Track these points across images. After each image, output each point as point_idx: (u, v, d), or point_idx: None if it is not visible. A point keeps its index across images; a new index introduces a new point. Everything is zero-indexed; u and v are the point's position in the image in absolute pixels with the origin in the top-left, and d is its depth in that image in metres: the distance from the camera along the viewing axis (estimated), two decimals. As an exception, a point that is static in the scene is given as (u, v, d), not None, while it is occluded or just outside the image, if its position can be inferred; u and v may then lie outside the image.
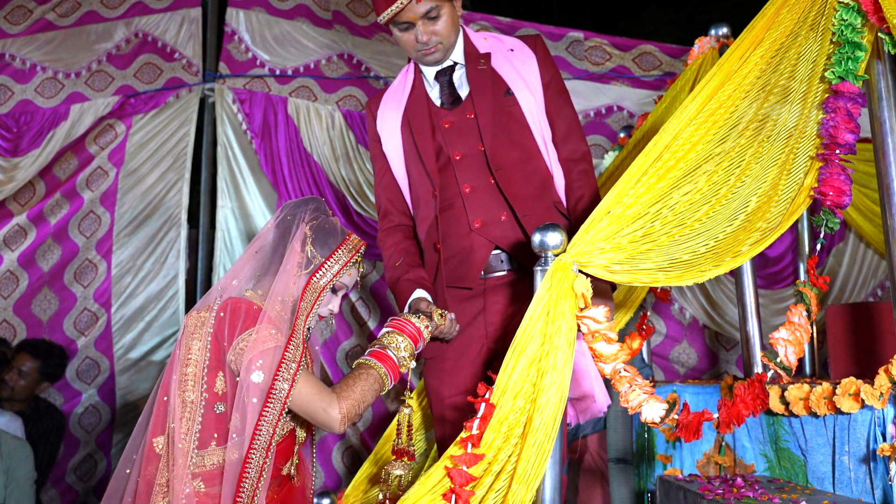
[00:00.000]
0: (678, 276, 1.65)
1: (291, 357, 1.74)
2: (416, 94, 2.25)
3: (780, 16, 1.76)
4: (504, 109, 2.16)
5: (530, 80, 2.18)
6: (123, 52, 4.46)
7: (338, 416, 1.76)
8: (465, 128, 2.18)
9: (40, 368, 3.70)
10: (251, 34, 4.48)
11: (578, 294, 1.61)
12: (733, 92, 1.72)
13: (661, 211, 1.66)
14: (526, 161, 2.15)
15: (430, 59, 2.18)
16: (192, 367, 1.76)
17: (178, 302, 4.24)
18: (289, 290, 1.82)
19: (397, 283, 2.19)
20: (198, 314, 1.82)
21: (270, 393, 1.70)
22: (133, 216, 4.29)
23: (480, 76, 2.19)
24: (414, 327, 1.97)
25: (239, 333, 1.73)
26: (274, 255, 1.88)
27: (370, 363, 1.88)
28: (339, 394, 1.79)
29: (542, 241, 1.68)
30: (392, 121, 2.26)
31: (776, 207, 1.71)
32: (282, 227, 1.91)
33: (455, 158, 2.17)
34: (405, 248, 2.26)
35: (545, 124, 2.18)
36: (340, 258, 1.90)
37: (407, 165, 2.26)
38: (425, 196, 2.21)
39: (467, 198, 2.15)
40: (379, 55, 4.53)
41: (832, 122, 1.70)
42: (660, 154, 1.68)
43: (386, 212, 2.31)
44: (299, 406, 1.77)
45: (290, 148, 4.39)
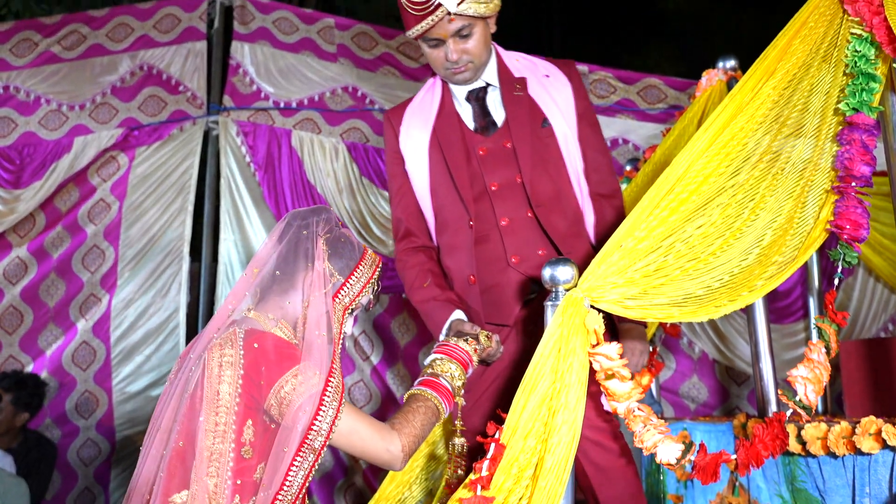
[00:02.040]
0: (692, 311, 1.60)
1: (330, 400, 1.57)
2: (446, 114, 2.14)
3: (791, 47, 1.74)
4: (541, 140, 2.07)
5: (565, 110, 2.09)
6: (128, 84, 4.46)
7: (400, 454, 1.64)
8: (502, 157, 2.07)
9: (13, 400, 3.64)
10: (256, 67, 4.49)
11: (590, 330, 1.57)
12: (746, 124, 1.69)
13: (674, 244, 1.63)
14: (560, 193, 2.07)
15: (459, 79, 2.08)
16: (224, 414, 1.55)
17: (178, 336, 4.18)
18: (323, 316, 1.64)
19: (427, 304, 2.08)
20: (220, 351, 1.58)
21: (305, 441, 1.56)
22: (137, 250, 4.25)
23: (517, 103, 2.08)
24: (464, 352, 1.85)
25: (279, 375, 1.56)
26: (282, 272, 1.69)
27: (426, 394, 1.75)
28: (400, 430, 1.66)
29: (552, 275, 1.64)
30: (418, 139, 2.15)
31: (791, 241, 1.68)
32: (292, 241, 1.71)
33: (491, 189, 2.07)
34: (430, 268, 2.14)
35: (578, 157, 2.10)
36: (362, 276, 1.74)
37: (434, 189, 2.14)
38: (457, 224, 2.11)
39: (504, 231, 2.05)
40: (383, 88, 4.53)
41: (847, 155, 1.66)
42: (671, 187, 1.65)
43: (408, 232, 2.19)
44: (356, 447, 1.63)
45: (293, 180, 4.37)
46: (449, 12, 1.92)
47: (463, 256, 2.09)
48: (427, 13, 1.92)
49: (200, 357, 1.60)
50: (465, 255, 2.08)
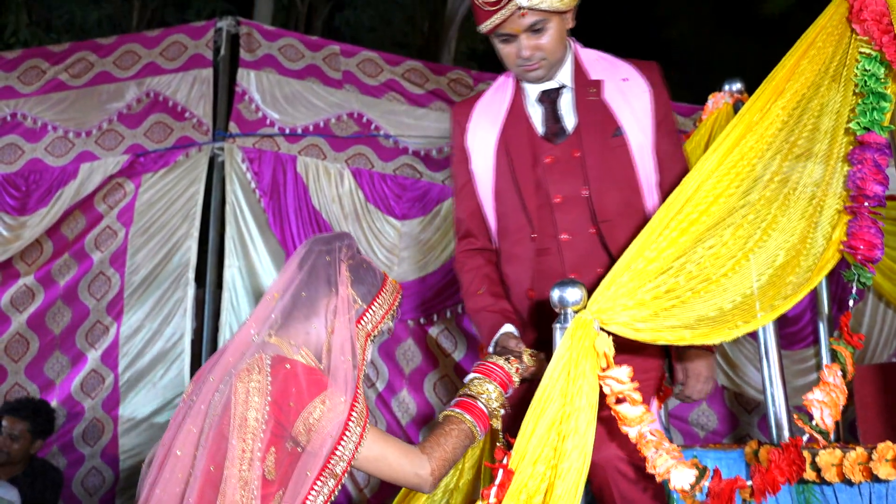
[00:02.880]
0: (705, 333, 1.57)
1: (354, 426, 1.56)
2: (515, 115, 2.04)
3: (800, 67, 1.72)
4: (612, 150, 1.95)
5: (641, 118, 1.97)
6: (134, 111, 4.48)
7: (430, 478, 1.62)
8: (568, 167, 1.97)
9: (30, 428, 3.62)
10: (261, 94, 4.50)
11: (600, 353, 1.53)
12: (755, 144, 1.67)
13: (685, 266, 1.60)
14: (629, 212, 1.95)
15: (532, 76, 1.98)
16: (251, 440, 1.54)
17: (182, 362, 4.15)
18: (347, 342, 1.63)
19: (480, 314, 2.02)
20: (248, 376, 1.57)
21: (326, 466, 1.54)
22: (143, 277, 4.24)
23: (590, 109, 1.97)
24: (504, 372, 1.79)
25: (308, 400, 1.55)
26: (303, 298, 1.67)
27: (460, 416, 1.71)
28: (430, 454, 1.63)
29: (561, 297, 1.61)
30: (486, 139, 2.06)
31: (805, 262, 1.65)
32: (314, 266, 1.70)
33: (555, 201, 1.97)
34: (487, 273, 2.07)
35: (652, 168, 1.98)
36: (384, 303, 1.73)
37: (498, 193, 2.05)
38: (519, 234, 2.02)
39: (564, 247, 1.97)
40: (388, 114, 4.54)
41: (859, 174, 1.64)
42: (681, 207, 1.63)
43: (468, 232, 2.12)
44: (385, 472, 1.62)
45: (298, 206, 4.36)
46: (520, 7, 1.85)
47: (523, 268, 2.02)
48: (498, 8, 1.85)
49: (225, 381, 1.60)
50: (526, 267, 2.01)
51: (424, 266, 4.36)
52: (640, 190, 1.97)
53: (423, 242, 4.39)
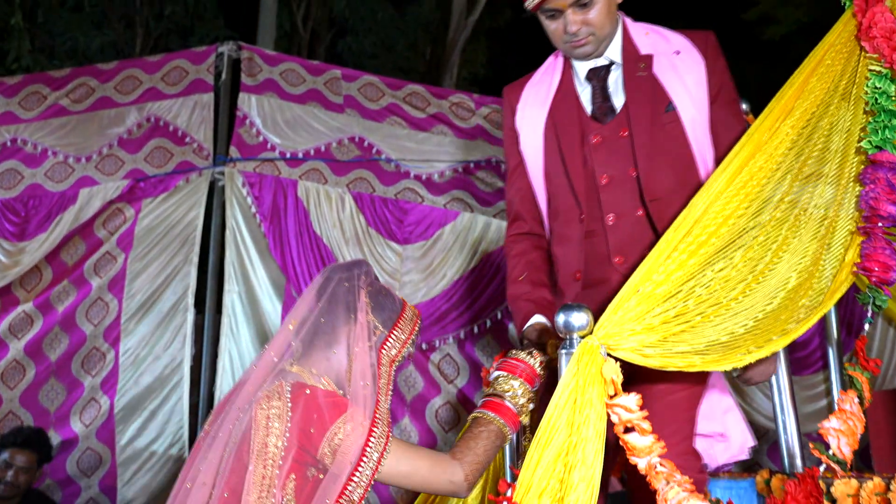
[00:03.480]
0: (716, 359, 1.52)
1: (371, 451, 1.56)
2: (563, 94, 2.00)
3: (809, 85, 1.69)
4: (663, 127, 1.88)
5: (695, 92, 1.88)
6: (135, 136, 4.45)
7: (464, 483, 1.62)
8: (616, 147, 1.91)
9: (39, 459, 3.55)
10: (262, 118, 4.48)
11: (607, 380, 1.48)
12: (764, 164, 1.63)
13: (694, 289, 1.55)
14: (682, 188, 1.84)
15: (579, 53, 1.93)
16: (271, 467, 1.54)
17: (181, 390, 4.07)
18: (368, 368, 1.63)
19: (516, 302, 1.99)
20: (268, 403, 1.58)
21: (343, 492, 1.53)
22: (141, 302, 4.17)
23: (639, 85, 1.91)
24: (527, 367, 1.76)
25: (331, 422, 1.56)
26: (323, 326, 1.68)
27: (488, 417, 1.71)
28: (462, 459, 1.63)
29: (566, 321, 1.56)
30: (535, 119, 2.02)
31: (818, 284, 1.60)
32: (330, 293, 1.70)
33: (601, 182, 1.91)
34: (531, 260, 2.03)
35: (707, 144, 1.88)
36: (405, 328, 1.74)
37: (548, 173, 2.01)
38: (568, 215, 1.97)
39: (610, 229, 1.90)
40: (390, 138, 4.51)
41: (872, 194, 1.60)
42: (689, 229, 1.58)
43: (517, 216, 2.09)
44: (418, 484, 1.63)
45: (299, 231, 4.31)
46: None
47: (572, 250, 1.96)
48: None
49: (244, 410, 1.60)
50: (575, 249, 1.96)
51: (426, 291, 4.31)
52: (696, 166, 1.88)
53: (424, 267, 4.34)
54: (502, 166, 4.46)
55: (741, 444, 1.94)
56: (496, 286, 4.26)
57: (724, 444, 1.97)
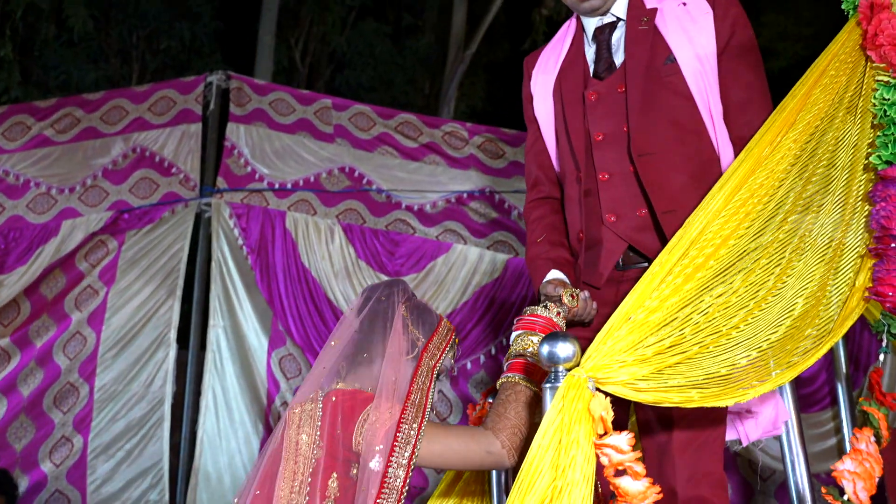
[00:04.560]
0: (716, 393, 1.37)
1: (405, 436, 1.58)
2: (572, 55, 2.01)
3: (812, 97, 1.57)
4: (661, 80, 1.84)
5: (701, 42, 1.82)
6: (120, 167, 4.35)
7: (503, 451, 1.61)
8: (612, 102, 1.88)
9: (5, 502, 3.38)
10: (251, 148, 4.38)
11: (596, 417, 1.33)
12: (766, 180, 1.50)
13: (690, 316, 1.41)
14: (683, 141, 1.81)
15: (586, 6, 1.91)
16: (303, 464, 1.61)
17: (162, 430, 3.91)
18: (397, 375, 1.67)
19: (533, 262, 1.99)
20: (301, 407, 1.68)
21: (384, 482, 1.55)
22: (119, 336, 4.03)
23: (639, 40, 1.87)
24: (545, 320, 1.76)
25: (360, 412, 1.62)
26: (365, 342, 1.73)
27: (514, 379, 1.71)
28: (494, 428, 1.64)
29: (550, 353, 1.42)
30: (545, 84, 2.04)
31: (826, 312, 1.46)
32: (370, 310, 1.77)
33: (596, 139, 1.89)
34: (550, 222, 2.04)
35: (716, 96, 1.83)
36: (441, 339, 1.78)
37: (557, 134, 2.03)
38: (570, 176, 1.98)
39: (602, 187, 1.88)
40: (381, 168, 4.41)
41: (883, 212, 1.47)
42: (685, 251, 1.45)
43: (536, 181, 2.10)
44: (458, 463, 1.67)
45: (286, 263, 4.19)
46: None
47: (575, 209, 1.97)
48: None
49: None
50: (576, 209, 1.96)
51: (419, 325, 4.17)
52: (700, 118, 1.82)
53: (416, 300, 4.20)
54: (496, 197, 4.35)
55: (773, 420, 1.84)
56: (490, 320, 4.12)
57: (754, 420, 1.89)
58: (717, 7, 1.85)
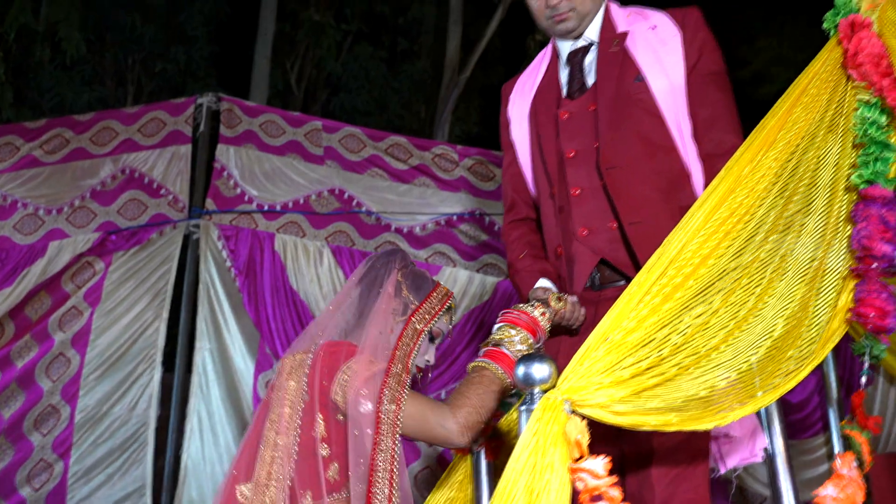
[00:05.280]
0: (696, 416, 1.34)
1: (394, 382, 1.65)
2: (547, 79, 2.09)
3: (793, 115, 1.55)
4: (631, 98, 1.91)
5: (670, 63, 1.91)
6: (109, 188, 4.32)
7: (455, 427, 1.64)
8: (583, 121, 1.96)
9: None
10: (241, 170, 4.36)
11: (571, 440, 1.30)
12: (745, 198, 1.48)
13: (669, 337, 1.38)
14: (652, 156, 1.88)
15: (560, 28, 2.01)
16: (289, 407, 1.70)
17: (145, 453, 3.84)
18: (385, 335, 1.75)
19: (518, 275, 2.05)
20: (293, 357, 1.78)
21: (379, 419, 1.61)
22: (104, 358, 3.97)
23: (609, 60, 1.95)
24: (528, 317, 1.81)
25: (339, 366, 1.69)
26: (362, 306, 1.82)
27: (483, 364, 1.75)
28: (452, 403, 1.68)
29: (526, 374, 1.39)
30: (522, 107, 2.13)
31: (808, 333, 1.43)
32: (368, 277, 1.86)
33: (568, 156, 1.96)
34: (530, 241, 2.11)
35: (685, 115, 1.90)
36: (434, 303, 1.84)
37: (532, 157, 2.10)
38: (545, 193, 2.06)
39: (574, 202, 1.95)
40: (371, 190, 4.39)
41: (864, 232, 1.44)
42: (664, 270, 1.42)
43: (512, 204, 2.17)
44: (412, 429, 1.66)
45: (275, 286, 4.15)
46: None
47: (549, 226, 2.05)
48: None
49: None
50: (552, 226, 2.03)
51: (409, 349, 4.12)
52: (670, 136, 1.89)
53: (405, 323, 4.16)
54: (486, 219, 4.33)
55: (751, 446, 1.84)
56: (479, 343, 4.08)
57: (732, 447, 1.90)
58: (685, 30, 1.92)
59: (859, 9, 1.55)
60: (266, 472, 1.66)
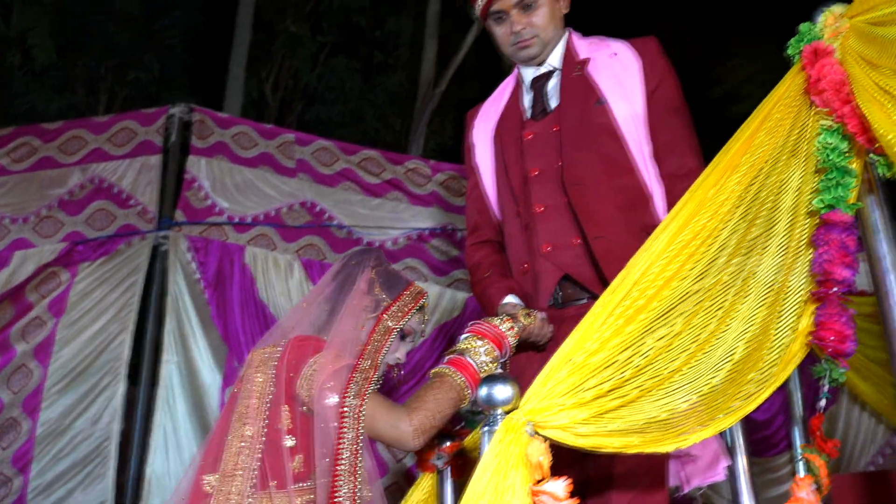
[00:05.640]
0: (656, 438, 1.34)
1: (360, 378, 1.68)
2: (511, 103, 2.16)
3: (756, 139, 1.57)
4: (593, 120, 1.99)
5: (630, 88, 2.00)
6: (77, 197, 4.26)
7: (408, 429, 1.66)
8: (546, 141, 2.03)
9: None
10: (211, 181, 4.32)
11: (533, 462, 1.29)
12: (709, 221, 1.49)
13: (631, 359, 1.38)
14: (614, 175, 1.95)
15: (524, 55, 2.08)
16: (256, 399, 1.72)
17: (108, 469, 3.76)
18: (355, 331, 1.78)
19: (486, 292, 2.08)
20: (262, 350, 1.81)
21: (343, 413, 1.63)
22: (68, 370, 3.89)
23: (572, 84, 2.04)
24: (496, 330, 1.83)
25: (308, 358, 1.71)
26: (335, 303, 1.85)
27: (444, 371, 1.76)
28: (409, 406, 1.70)
29: (488, 394, 1.39)
30: (485, 131, 2.19)
31: (768, 356, 1.44)
32: (343, 274, 1.89)
33: (531, 175, 2.03)
34: (494, 261, 2.14)
35: (645, 137, 1.98)
36: (407, 301, 1.87)
37: (496, 178, 2.16)
38: (511, 212, 2.10)
39: (539, 219, 2.01)
40: (343, 204, 4.37)
41: (825, 256, 1.46)
42: (627, 292, 1.43)
43: (475, 226, 2.22)
44: (370, 427, 1.67)
45: (244, 299, 4.11)
46: None
47: (515, 245, 2.08)
48: None
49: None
50: (517, 244, 2.07)
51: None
52: (630, 157, 1.96)
53: (376, 338, 4.13)
54: (458, 234, 4.33)
55: (713, 465, 1.86)
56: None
57: (695, 466, 1.92)
58: (645, 58, 2.02)
59: (822, 36, 1.57)
60: (233, 463, 1.68)
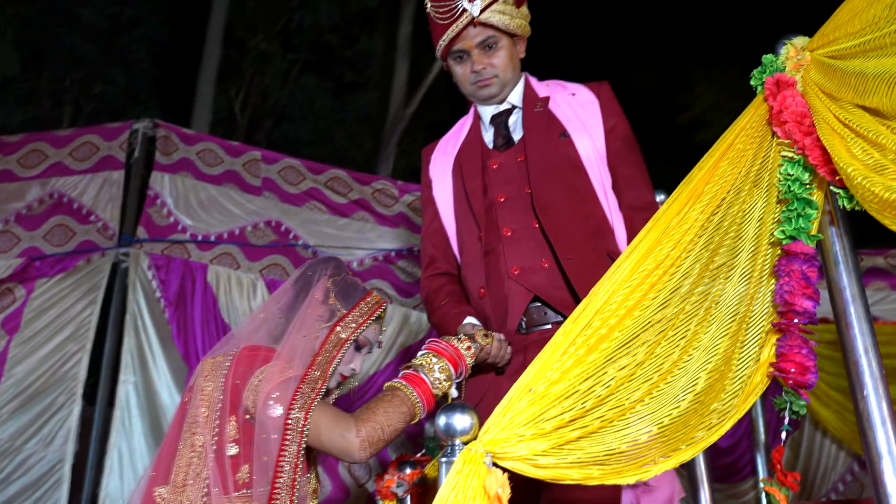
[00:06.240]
0: (618, 470, 1.32)
1: (308, 389, 1.67)
2: (470, 138, 2.21)
3: (719, 169, 1.57)
4: (558, 151, 2.07)
5: (590, 125, 2.10)
6: (35, 212, 4.16)
7: (356, 440, 1.66)
8: (513, 170, 2.09)
9: None
10: (175, 198, 4.25)
11: (492, 494, 1.26)
12: (672, 251, 1.48)
13: (593, 389, 1.36)
14: (579, 203, 2.03)
15: (483, 94, 2.14)
16: (205, 408, 1.71)
17: (61, 492, 3.65)
18: (307, 340, 1.77)
19: (445, 318, 2.08)
20: (213, 359, 1.79)
21: (287, 425, 1.63)
22: (20, 389, 3.78)
23: (535, 118, 2.11)
24: (452, 349, 1.84)
25: (255, 368, 1.71)
26: (290, 312, 1.83)
27: (398, 385, 1.77)
28: (358, 417, 1.69)
29: (447, 424, 1.36)
30: (444, 165, 2.23)
31: (731, 386, 1.43)
32: (300, 283, 1.88)
33: (498, 200, 2.08)
34: (450, 290, 2.17)
35: (605, 171, 2.08)
36: (363, 312, 1.86)
37: (455, 209, 2.19)
38: (470, 240, 2.13)
39: (507, 242, 2.04)
40: (308, 223, 4.33)
41: (787, 287, 1.46)
42: (589, 321, 1.41)
43: (432, 259, 2.24)
44: (315, 437, 1.67)
45: (205, 318, 4.04)
46: (473, 18, 2.03)
47: (473, 270, 2.11)
48: (452, 20, 2.04)
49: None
50: (476, 269, 2.10)
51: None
52: (593, 188, 2.04)
53: (340, 360, 4.08)
54: (425, 255, 4.30)
55: (669, 496, 1.89)
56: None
57: (652, 497, 1.93)
58: (601, 98, 2.13)
59: (785, 68, 1.58)
60: (184, 474, 1.67)
